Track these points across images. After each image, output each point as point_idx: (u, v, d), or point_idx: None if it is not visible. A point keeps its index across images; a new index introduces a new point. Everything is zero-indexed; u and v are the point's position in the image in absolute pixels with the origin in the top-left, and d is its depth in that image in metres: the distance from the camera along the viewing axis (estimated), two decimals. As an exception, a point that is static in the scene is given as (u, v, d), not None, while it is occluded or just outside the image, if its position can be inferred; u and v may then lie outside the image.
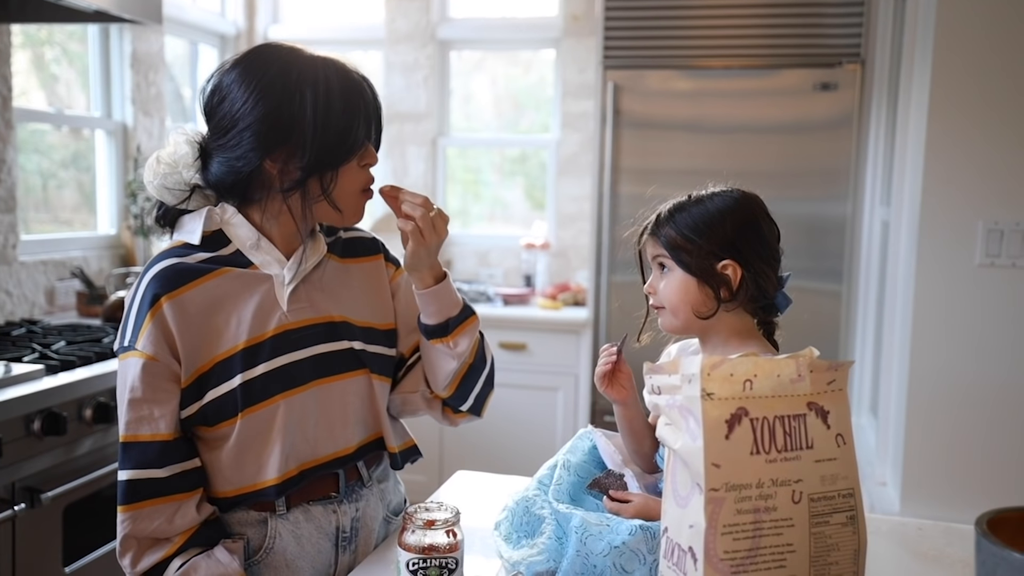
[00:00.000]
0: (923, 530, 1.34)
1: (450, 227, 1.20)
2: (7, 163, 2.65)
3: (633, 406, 1.19)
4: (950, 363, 2.00)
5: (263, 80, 1.11)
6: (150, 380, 1.10)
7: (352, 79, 1.15)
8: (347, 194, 1.16)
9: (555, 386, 3.27)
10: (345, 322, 1.20)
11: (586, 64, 3.65)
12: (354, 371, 1.20)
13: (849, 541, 0.83)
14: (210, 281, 1.13)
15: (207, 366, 1.12)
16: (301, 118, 1.10)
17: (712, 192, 1.14)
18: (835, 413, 0.84)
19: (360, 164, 1.16)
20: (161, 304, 1.10)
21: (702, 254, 1.08)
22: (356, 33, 4.06)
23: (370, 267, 1.28)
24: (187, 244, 1.16)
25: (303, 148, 1.11)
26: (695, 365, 0.80)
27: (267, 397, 1.13)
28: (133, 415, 1.10)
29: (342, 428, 1.20)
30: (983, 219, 1.95)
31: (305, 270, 1.19)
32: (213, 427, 1.13)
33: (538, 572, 1.06)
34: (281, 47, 1.16)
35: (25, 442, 1.89)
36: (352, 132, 1.13)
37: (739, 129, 2.95)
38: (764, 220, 1.12)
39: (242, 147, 1.11)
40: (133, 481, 1.10)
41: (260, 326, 1.14)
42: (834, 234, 2.88)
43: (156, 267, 1.13)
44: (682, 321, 1.12)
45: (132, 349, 1.11)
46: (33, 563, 1.93)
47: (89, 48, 3.18)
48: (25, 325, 2.53)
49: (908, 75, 2.22)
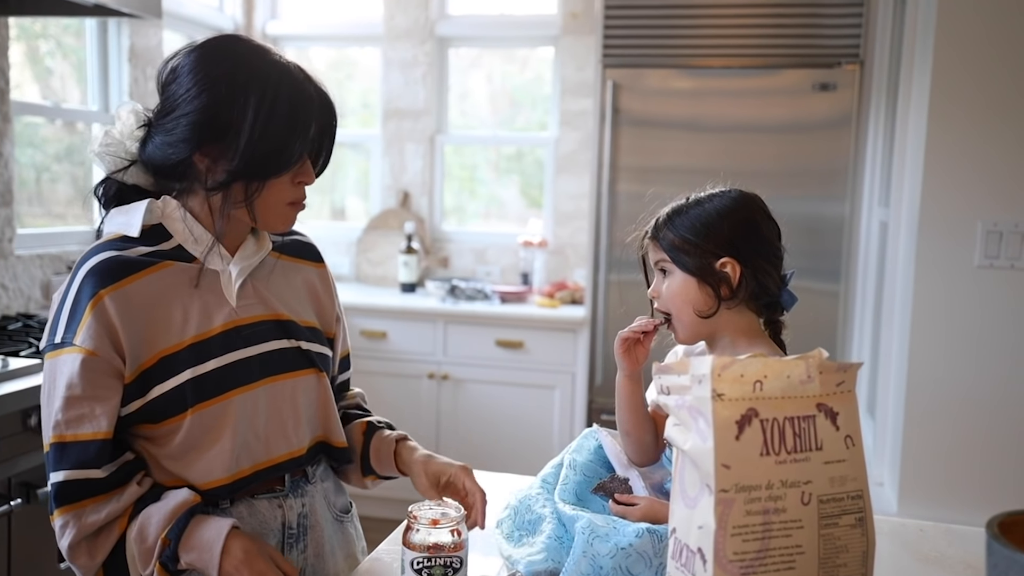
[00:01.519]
0: (924, 531, 1.34)
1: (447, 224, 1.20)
2: (4, 156, 2.63)
3: (638, 381, 1.19)
4: (948, 364, 2.00)
5: (212, 73, 1.07)
6: (90, 376, 1.04)
7: (304, 93, 1.09)
8: (270, 206, 1.11)
9: (552, 384, 3.27)
10: (291, 321, 1.19)
11: (585, 62, 3.65)
12: (303, 370, 1.19)
13: (858, 543, 0.83)
14: (153, 274, 1.09)
15: (150, 361, 1.07)
16: (240, 121, 1.06)
17: (710, 193, 1.15)
18: (844, 414, 0.84)
19: (294, 181, 1.12)
20: (102, 297, 1.05)
21: (700, 254, 1.10)
22: (355, 29, 4.04)
23: (316, 273, 1.28)
24: (125, 237, 1.11)
25: (234, 151, 1.06)
26: (705, 365, 0.80)
27: (219, 393, 1.10)
28: (72, 413, 1.04)
29: (294, 427, 1.17)
30: (982, 220, 1.96)
31: (251, 265, 1.17)
32: (159, 424, 1.08)
33: (536, 571, 1.05)
34: (246, 43, 1.12)
35: (21, 437, 1.88)
36: (289, 148, 1.08)
37: (738, 128, 2.95)
38: (762, 218, 1.13)
39: (176, 133, 1.08)
40: (71, 482, 1.05)
41: (207, 321, 1.11)
42: (832, 234, 2.88)
43: (93, 260, 1.08)
44: (686, 325, 1.13)
45: (68, 345, 1.05)
46: (29, 559, 1.92)
47: (87, 42, 3.16)
48: (21, 319, 2.51)
49: (908, 75, 2.23)
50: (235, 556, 1.02)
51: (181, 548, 1.04)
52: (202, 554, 1.03)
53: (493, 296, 3.43)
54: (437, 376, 3.34)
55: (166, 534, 1.04)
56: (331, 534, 1.25)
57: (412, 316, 3.35)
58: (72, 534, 1.05)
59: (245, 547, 1.03)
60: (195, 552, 1.03)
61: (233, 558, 1.02)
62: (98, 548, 1.05)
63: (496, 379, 3.32)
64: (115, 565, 1.06)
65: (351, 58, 4.22)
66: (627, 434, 1.20)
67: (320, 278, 1.28)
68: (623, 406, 1.19)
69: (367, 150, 4.08)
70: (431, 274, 3.83)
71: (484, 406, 3.34)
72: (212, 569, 1.03)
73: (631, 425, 1.19)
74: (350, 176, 4.21)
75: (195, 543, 1.04)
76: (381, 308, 3.38)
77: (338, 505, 1.28)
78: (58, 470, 1.05)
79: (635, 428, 1.19)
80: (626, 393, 1.19)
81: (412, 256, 3.62)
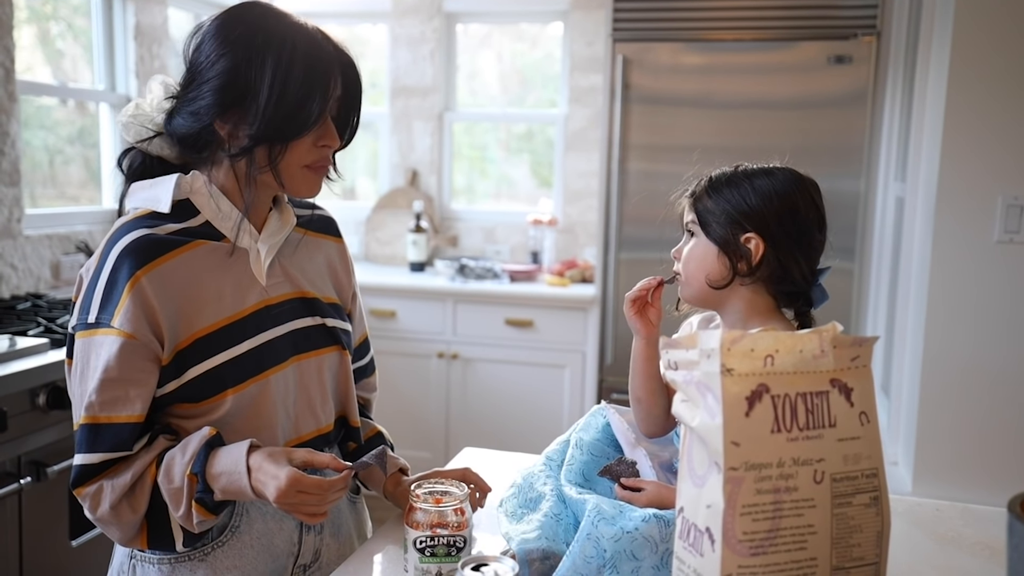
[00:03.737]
0: (940, 511, 1.31)
1: (456, 203, 1.18)
2: (11, 136, 2.62)
3: (655, 346, 1.14)
4: (966, 342, 1.97)
5: (230, 37, 1.06)
6: (128, 360, 1.03)
7: (323, 52, 1.07)
8: (294, 170, 1.10)
9: (562, 363, 3.25)
10: (315, 298, 1.19)
11: (594, 37, 3.59)
12: (328, 347, 1.19)
13: (872, 522, 0.80)
14: (186, 253, 1.08)
15: (186, 342, 1.07)
16: (258, 83, 1.05)
17: (762, 168, 1.10)
18: (859, 390, 0.81)
19: (317, 144, 1.10)
20: (139, 278, 1.04)
21: (729, 224, 1.07)
22: (362, 5, 4.00)
23: (336, 248, 1.27)
24: (154, 213, 1.10)
25: (255, 115, 1.05)
26: (714, 340, 0.77)
27: (257, 373, 1.10)
28: (107, 395, 1.04)
29: (321, 404, 1.18)
30: (1002, 194, 1.91)
31: (278, 243, 1.16)
32: (198, 404, 1.08)
33: (529, 548, 1.02)
34: (265, 7, 1.10)
35: (31, 416, 1.88)
36: (306, 108, 1.06)
37: (750, 104, 2.90)
38: (806, 204, 1.08)
39: (199, 102, 1.07)
40: (102, 464, 1.05)
41: (240, 301, 1.11)
42: (847, 210, 2.84)
43: (127, 238, 1.06)
44: (694, 290, 1.11)
45: (105, 326, 1.04)
46: (40, 536, 1.93)
47: (92, 21, 3.13)
48: (30, 299, 2.51)
49: (926, 47, 2.17)
50: (254, 470, 1.02)
51: (209, 479, 1.04)
52: (231, 478, 1.03)
53: (502, 275, 3.41)
54: (447, 355, 3.33)
55: (191, 470, 1.03)
56: (347, 515, 1.25)
57: (421, 295, 3.34)
58: (110, 496, 1.05)
59: (260, 459, 1.03)
60: (223, 477, 1.03)
61: (254, 472, 1.02)
62: (138, 501, 1.06)
63: (506, 358, 3.30)
64: (156, 514, 1.07)
65: (361, 36, 4.17)
66: (638, 401, 1.17)
67: (339, 254, 1.28)
68: (636, 371, 1.17)
69: (376, 129, 4.05)
70: (440, 253, 3.81)
71: (493, 385, 3.32)
72: (246, 488, 1.03)
73: (643, 392, 1.16)
74: (359, 155, 4.18)
75: (220, 470, 1.03)
76: (390, 287, 3.36)
77: (351, 487, 1.28)
78: (91, 451, 1.05)
79: (647, 396, 1.16)
80: (642, 359, 1.16)
81: (421, 235, 3.59)
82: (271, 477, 1.01)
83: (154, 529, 1.07)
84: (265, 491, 1.01)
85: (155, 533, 1.07)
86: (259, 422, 1.10)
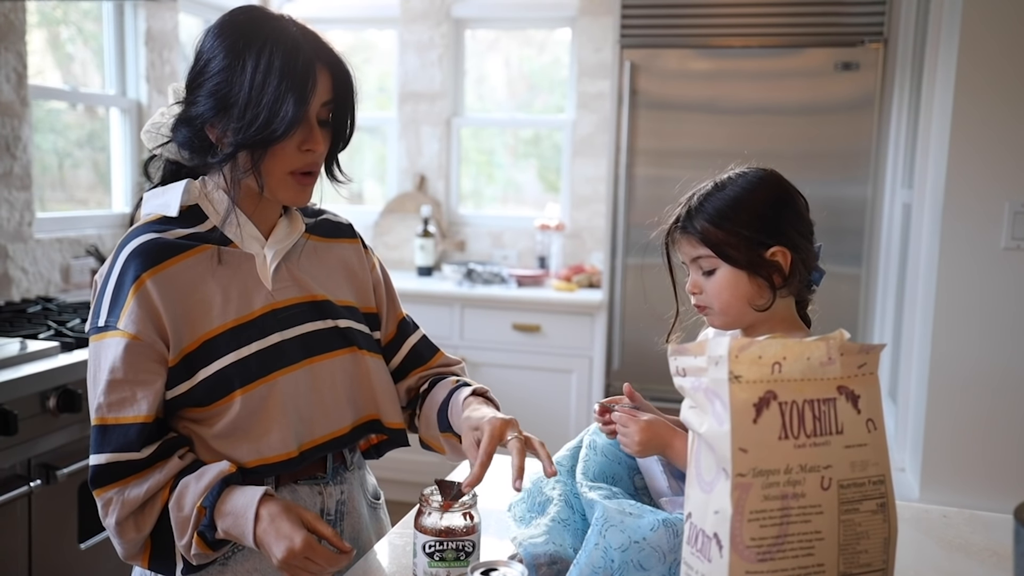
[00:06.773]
0: (948, 517, 1.32)
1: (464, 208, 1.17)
2: (23, 140, 2.64)
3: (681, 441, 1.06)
4: (973, 348, 1.96)
5: (217, 43, 1.08)
6: (133, 360, 1.05)
7: (302, 54, 1.06)
8: (275, 175, 1.09)
9: (569, 368, 3.25)
10: (327, 301, 1.19)
11: (602, 43, 3.60)
12: (341, 349, 1.19)
13: (879, 529, 0.80)
14: (192, 257, 1.09)
15: (193, 345, 1.08)
16: (238, 88, 1.05)
17: (735, 174, 1.09)
18: (866, 397, 0.81)
19: (301, 148, 1.08)
20: (144, 281, 1.05)
21: (748, 244, 1.04)
22: (370, 11, 4.02)
23: (349, 249, 1.27)
24: (163, 218, 1.12)
25: (237, 120, 1.05)
26: (723, 347, 0.78)
27: (264, 375, 1.10)
28: (114, 396, 1.05)
29: (335, 406, 1.18)
30: (1010, 200, 1.91)
31: (285, 248, 1.17)
32: (207, 407, 1.09)
33: (536, 553, 1.02)
34: (257, 11, 1.11)
35: (41, 419, 1.89)
36: (279, 113, 1.04)
37: (757, 110, 2.90)
38: (794, 193, 1.09)
39: (195, 108, 1.09)
40: (111, 464, 1.06)
41: (246, 305, 1.11)
42: (854, 217, 2.84)
43: (134, 242, 1.08)
44: (732, 317, 1.08)
45: (112, 329, 1.06)
46: (49, 539, 1.94)
47: (103, 26, 3.16)
48: (41, 302, 2.53)
49: (933, 53, 2.17)
50: (264, 520, 1.02)
51: (216, 515, 1.04)
52: (237, 520, 1.03)
53: (510, 280, 3.42)
54: (454, 360, 3.33)
55: (201, 503, 1.04)
56: (367, 521, 1.26)
57: (429, 300, 3.35)
58: (118, 511, 1.06)
59: (272, 512, 1.03)
60: (230, 518, 1.04)
61: (262, 522, 1.02)
62: (144, 521, 1.06)
63: (513, 363, 3.30)
64: (161, 536, 1.07)
65: (369, 42, 4.20)
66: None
67: (355, 254, 1.28)
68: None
69: (384, 133, 4.07)
70: (448, 258, 3.82)
71: (501, 390, 3.30)
72: (248, 535, 1.03)
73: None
74: (367, 160, 4.20)
75: (229, 509, 1.04)
76: (398, 291, 3.36)
77: (370, 491, 1.29)
78: (100, 452, 1.06)
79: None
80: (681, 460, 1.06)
81: (429, 240, 3.61)
82: (284, 537, 1.00)
83: (157, 550, 1.08)
84: (271, 547, 1.01)
85: (157, 554, 1.08)
86: (270, 424, 1.11)
